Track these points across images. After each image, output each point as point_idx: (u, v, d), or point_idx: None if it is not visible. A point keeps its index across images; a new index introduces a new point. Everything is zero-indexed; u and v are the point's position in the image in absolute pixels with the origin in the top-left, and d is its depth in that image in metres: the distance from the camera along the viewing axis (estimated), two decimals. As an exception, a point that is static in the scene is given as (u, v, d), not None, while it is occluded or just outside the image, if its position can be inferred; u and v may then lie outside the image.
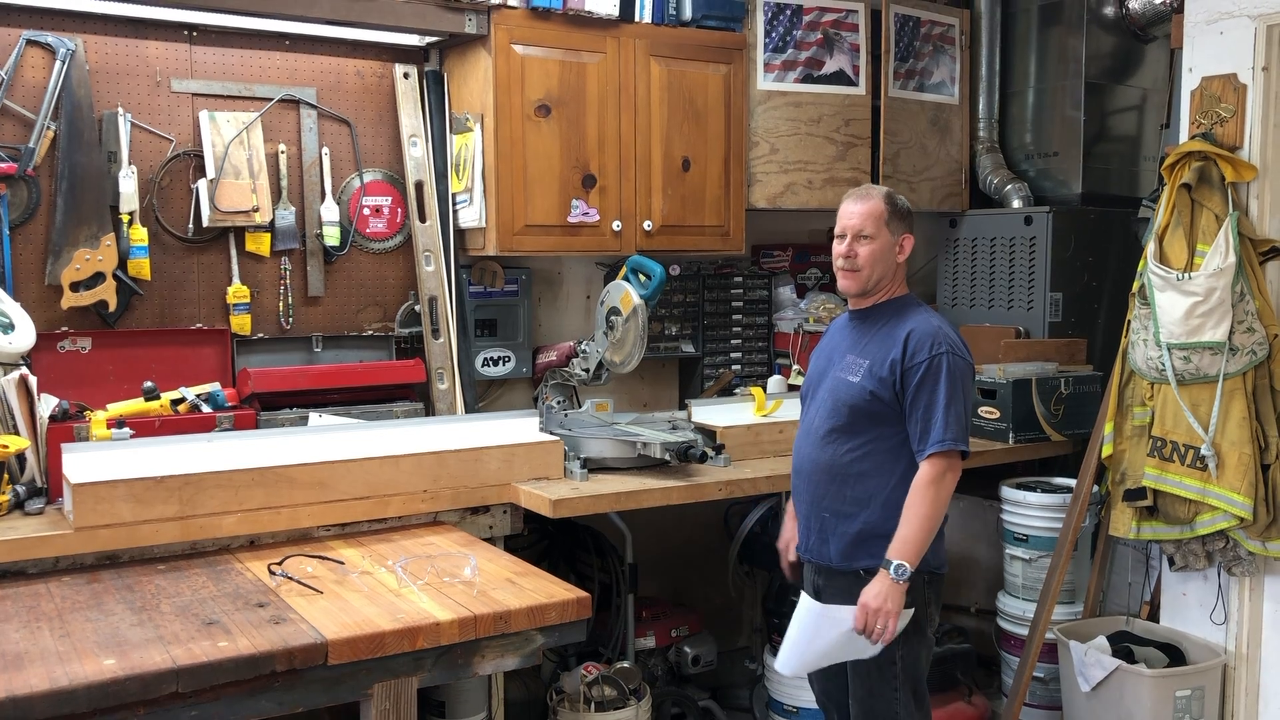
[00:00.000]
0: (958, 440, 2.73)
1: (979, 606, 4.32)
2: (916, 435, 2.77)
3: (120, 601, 2.54)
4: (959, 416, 2.74)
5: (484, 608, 2.51)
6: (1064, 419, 4.13)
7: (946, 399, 2.73)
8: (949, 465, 2.74)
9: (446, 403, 3.82)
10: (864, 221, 2.87)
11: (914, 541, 2.70)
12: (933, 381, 2.75)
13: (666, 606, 4.14)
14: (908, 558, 2.69)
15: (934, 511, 2.72)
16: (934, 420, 2.73)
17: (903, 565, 2.68)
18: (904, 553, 2.69)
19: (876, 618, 2.69)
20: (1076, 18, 4.62)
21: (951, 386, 2.74)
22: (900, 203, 2.92)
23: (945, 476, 2.73)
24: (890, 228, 2.88)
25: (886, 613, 2.68)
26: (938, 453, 2.72)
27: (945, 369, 2.75)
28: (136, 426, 3.13)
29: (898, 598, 2.69)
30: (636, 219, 3.98)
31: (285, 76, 3.71)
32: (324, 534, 3.10)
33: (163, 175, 3.53)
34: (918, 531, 2.70)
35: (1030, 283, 4.56)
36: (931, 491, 2.72)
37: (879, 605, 2.69)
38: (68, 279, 3.35)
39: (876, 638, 2.70)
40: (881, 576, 2.71)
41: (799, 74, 4.33)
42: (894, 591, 2.69)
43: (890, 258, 2.90)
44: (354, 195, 3.83)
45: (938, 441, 2.72)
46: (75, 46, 3.35)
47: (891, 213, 2.88)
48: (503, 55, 3.69)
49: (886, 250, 2.89)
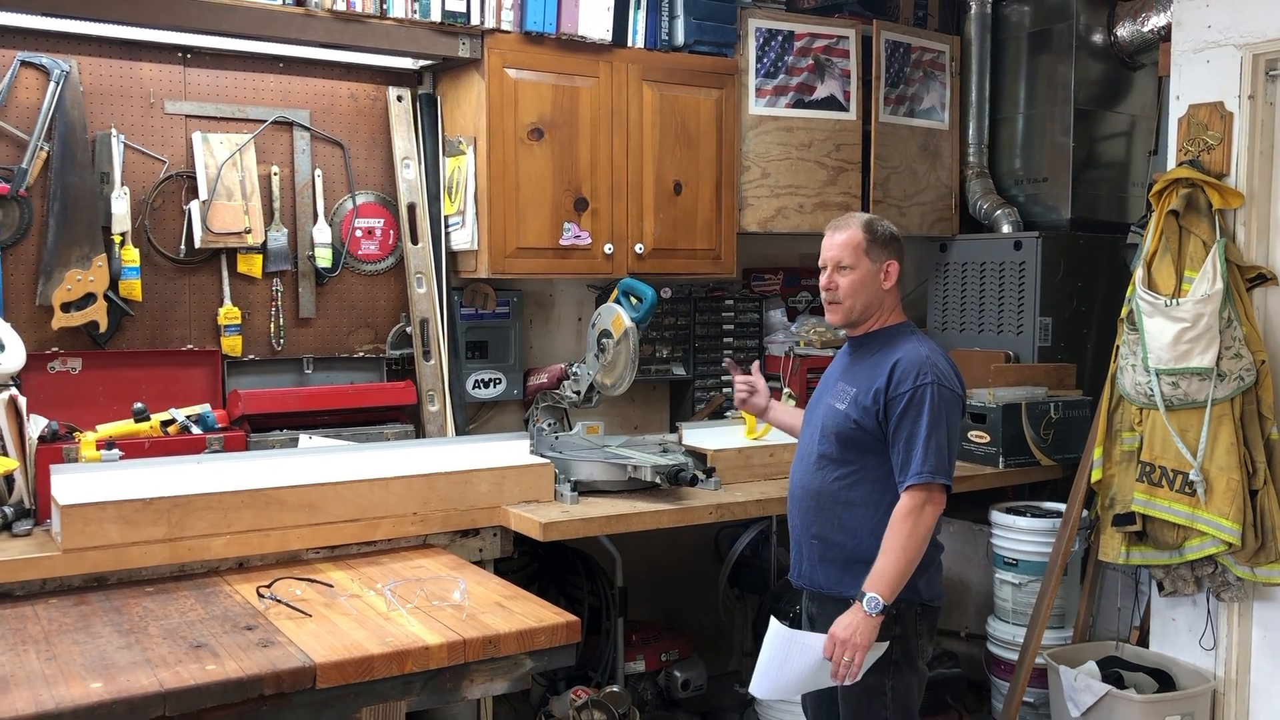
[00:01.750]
0: (937, 473, 2.67)
1: (969, 631, 4.32)
2: (898, 466, 2.73)
3: (108, 624, 2.53)
4: (940, 449, 2.68)
5: (473, 631, 2.50)
6: (1053, 443, 4.14)
7: (928, 430, 2.68)
8: (929, 498, 2.68)
9: (437, 425, 3.82)
10: (842, 252, 2.84)
11: (889, 574, 2.64)
12: (915, 412, 2.70)
13: (657, 630, 4.13)
14: (882, 590, 2.63)
15: (911, 544, 2.66)
16: (914, 452, 2.68)
17: (876, 598, 2.63)
18: (878, 585, 2.64)
19: (844, 650, 2.64)
20: (1066, 45, 4.66)
21: (934, 418, 2.69)
22: (881, 229, 2.87)
23: (924, 509, 2.67)
24: (871, 256, 2.83)
25: (854, 645, 2.63)
26: (916, 485, 2.67)
27: (929, 400, 2.70)
28: (126, 448, 3.12)
29: (868, 631, 2.63)
30: (628, 242, 3.99)
31: (279, 99, 3.72)
32: (313, 556, 3.09)
33: (155, 196, 3.54)
34: (893, 565, 2.65)
35: (1020, 307, 4.58)
36: (909, 524, 2.66)
37: (847, 637, 2.64)
38: (59, 299, 3.35)
39: (843, 670, 2.64)
40: (855, 609, 2.66)
41: (790, 99, 4.36)
42: (865, 625, 2.63)
43: (873, 286, 2.85)
44: (346, 217, 3.84)
45: (916, 473, 2.67)
46: (69, 68, 3.36)
47: (870, 241, 2.84)
48: (496, 79, 3.71)
49: (868, 279, 2.84)
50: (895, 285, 2.90)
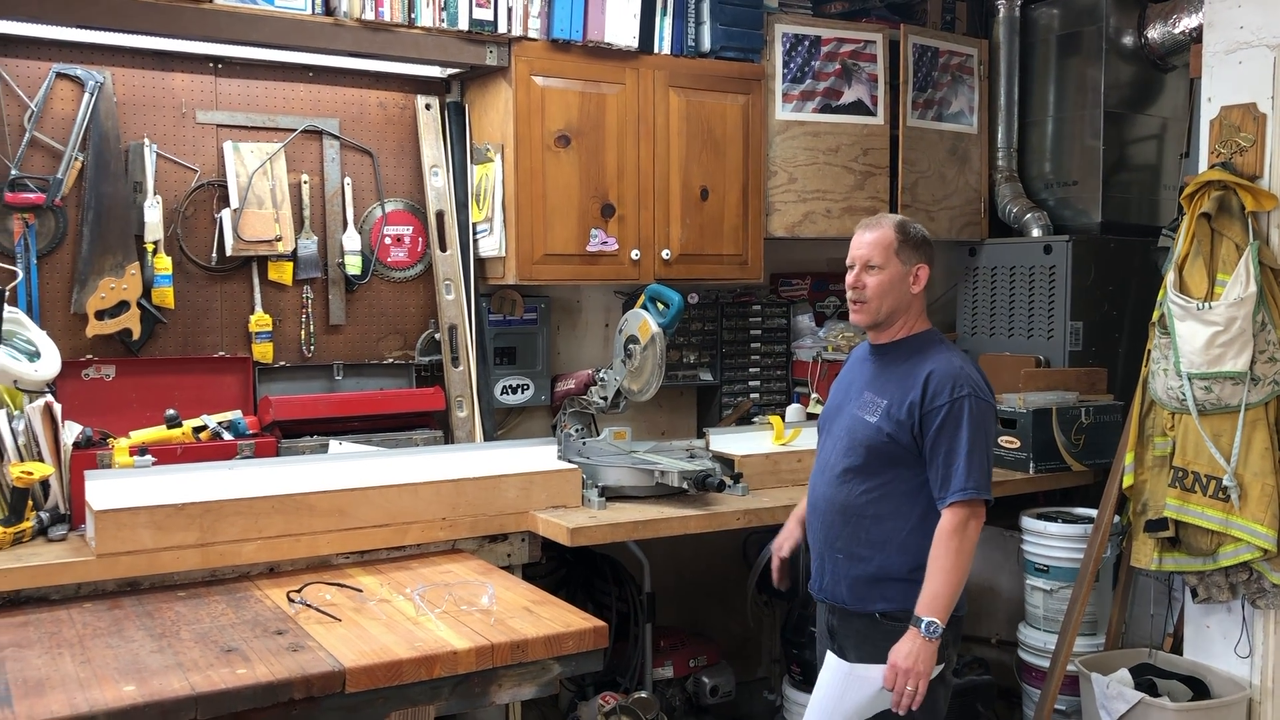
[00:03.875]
0: (980, 488, 2.62)
1: (999, 638, 4.28)
2: (938, 483, 2.66)
3: (140, 628, 2.56)
4: (980, 463, 2.63)
5: (501, 636, 2.51)
6: (1085, 449, 4.10)
7: (968, 445, 2.62)
8: (972, 513, 2.63)
9: (466, 430, 3.84)
10: (872, 251, 2.77)
11: (943, 596, 2.59)
12: (953, 426, 2.63)
13: (684, 636, 4.12)
14: (938, 613, 2.58)
15: (959, 562, 2.60)
16: (955, 468, 2.62)
17: (934, 623, 2.57)
18: (934, 609, 2.58)
19: (907, 679, 2.58)
20: (1095, 48, 4.63)
21: (974, 432, 2.63)
22: (914, 231, 2.80)
23: (968, 525, 2.62)
24: (901, 257, 2.76)
25: (918, 674, 2.57)
26: (959, 501, 2.62)
27: (967, 413, 2.63)
28: (159, 454, 3.16)
29: (929, 657, 2.58)
30: (655, 248, 4.00)
31: (309, 108, 3.76)
32: (343, 561, 3.11)
33: (187, 205, 3.58)
34: (944, 585, 2.59)
35: (1050, 312, 4.55)
36: (955, 542, 2.60)
37: (909, 666, 2.58)
38: (93, 307, 3.39)
39: (907, 700, 2.59)
40: (911, 635, 2.59)
41: (817, 104, 4.35)
42: (925, 651, 2.58)
43: (902, 289, 2.78)
44: (375, 225, 3.87)
45: (959, 490, 2.61)
46: (103, 79, 3.41)
47: (902, 242, 2.77)
48: (523, 86, 3.73)
49: (897, 281, 2.77)
50: (923, 291, 2.83)
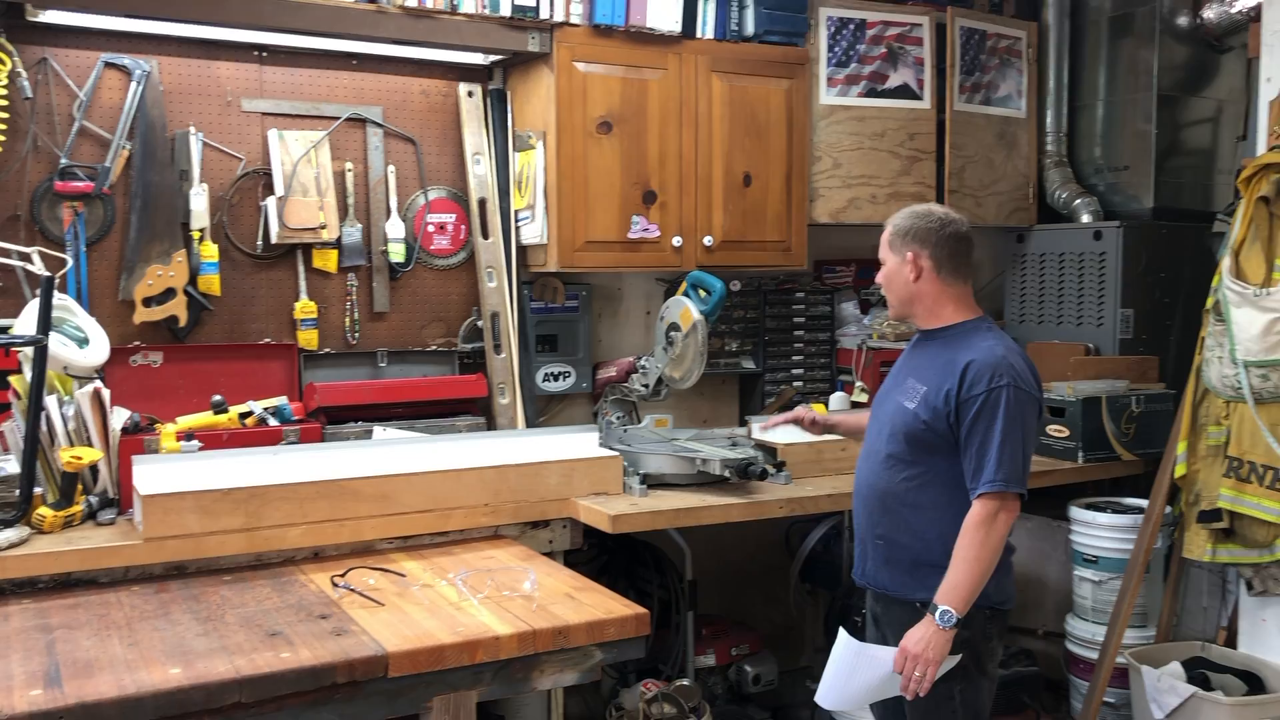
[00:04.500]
0: (1010, 481, 2.57)
1: (1047, 629, 4.22)
2: (970, 472, 2.62)
3: (186, 611, 2.58)
4: (1014, 455, 2.58)
5: (543, 622, 2.50)
6: (1135, 438, 4.03)
7: (1002, 436, 2.57)
8: (1002, 505, 2.58)
9: (508, 417, 3.84)
10: (880, 246, 2.81)
11: (963, 586, 2.56)
12: (989, 416, 2.58)
13: (727, 624, 4.11)
14: (955, 603, 2.55)
15: (983, 554, 2.56)
16: (988, 458, 2.58)
17: (949, 612, 2.54)
18: (951, 598, 2.55)
19: (915, 664, 2.56)
20: (1149, 29, 4.53)
21: (1009, 422, 2.58)
22: (903, 221, 2.76)
23: (997, 517, 2.57)
24: (893, 249, 2.75)
25: (927, 660, 2.55)
26: (989, 493, 2.58)
27: (1004, 403, 2.58)
28: (205, 439, 3.19)
29: (940, 645, 2.55)
30: (697, 234, 3.97)
31: (352, 96, 3.77)
32: (387, 546, 3.12)
33: (233, 193, 3.60)
34: (966, 576, 2.56)
35: (1100, 299, 4.47)
36: (981, 534, 2.56)
37: (918, 652, 2.56)
38: (140, 294, 3.43)
39: (914, 685, 2.57)
40: (926, 622, 2.57)
41: (862, 88, 4.30)
42: (937, 639, 2.55)
43: (899, 279, 2.75)
44: (419, 212, 3.88)
45: (989, 481, 2.57)
46: (150, 68, 3.44)
47: (893, 234, 2.76)
48: (565, 73, 3.72)
49: (893, 273, 2.76)
50: (932, 279, 2.74)
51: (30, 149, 3.31)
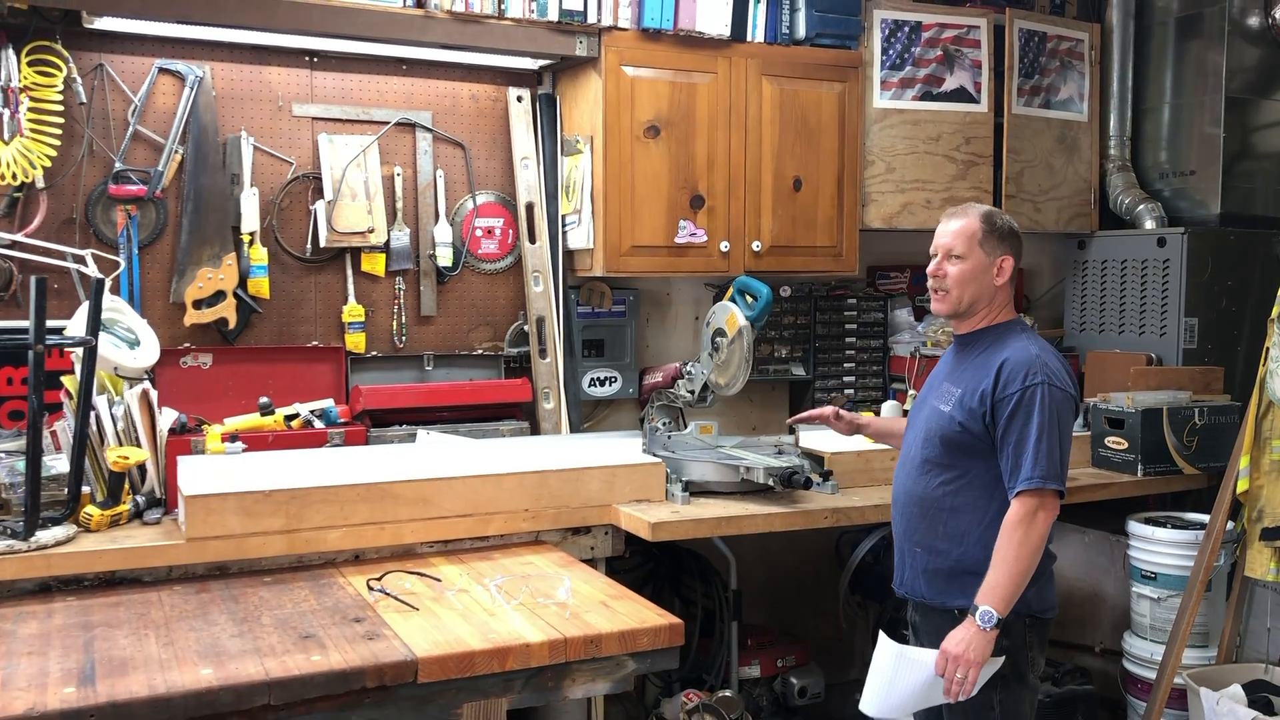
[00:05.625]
0: (1048, 478, 2.54)
1: (1104, 646, 4.10)
2: (1007, 471, 2.60)
3: (224, 612, 2.60)
4: (1052, 452, 2.55)
5: (575, 630, 2.48)
6: (1197, 451, 3.90)
7: (1038, 433, 2.55)
8: (1041, 504, 2.55)
9: (552, 422, 3.83)
10: (955, 240, 2.72)
11: (1003, 587, 2.52)
12: (1025, 414, 2.57)
13: (773, 635, 4.05)
14: (996, 604, 2.52)
15: (1024, 554, 2.53)
16: (1025, 456, 2.55)
17: (990, 612, 2.51)
18: (992, 599, 2.52)
19: (957, 666, 2.53)
20: (1217, 30, 4.40)
21: (1046, 420, 2.55)
22: (1000, 221, 2.74)
23: (1036, 516, 2.54)
24: (985, 248, 2.71)
25: (968, 662, 2.51)
26: (1027, 491, 2.55)
27: (1040, 401, 2.56)
28: (250, 441, 3.22)
29: (982, 646, 2.52)
30: (745, 239, 3.93)
31: (401, 100, 3.79)
32: (427, 550, 3.12)
33: (282, 197, 3.64)
34: (1006, 576, 2.53)
35: (1163, 307, 4.35)
36: (1020, 533, 2.53)
37: (960, 653, 2.53)
38: (191, 297, 3.47)
39: (956, 688, 2.53)
40: (968, 623, 2.55)
41: (917, 91, 4.23)
42: (978, 640, 2.52)
43: (984, 280, 2.72)
44: (467, 217, 3.89)
45: (1027, 479, 2.54)
46: (203, 74, 3.49)
47: (987, 232, 2.71)
48: (613, 77, 3.70)
49: (979, 272, 2.71)
50: (1009, 283, 2.76)
51: (85, 153, 3.37)
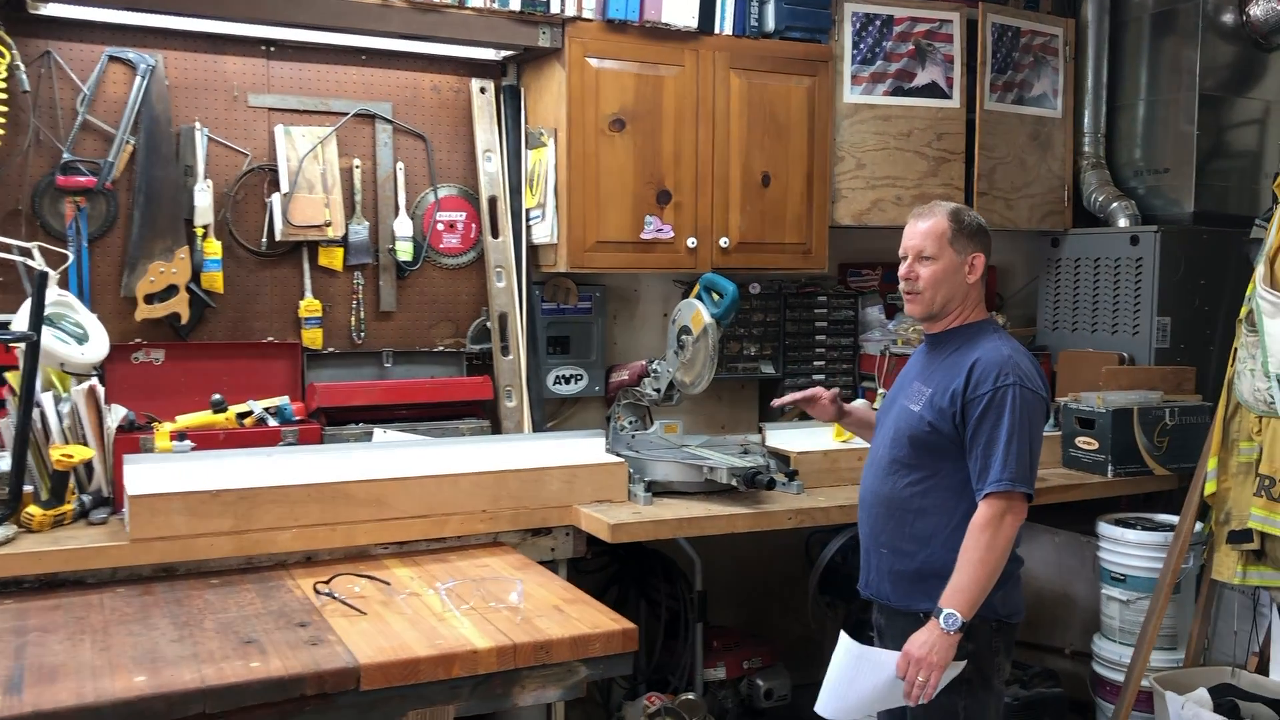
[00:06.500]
0: (1017, 480, 2.50)
1: (1073, 649, 4.06)
2: (975, 473, 2.56)
3: (166, 616, 2.52)
4: (1021, 454, 2.51)
5: (525, 636, 2.42)
6: (1168, 452, 3.86)
7: (1008, 435, 2.50)
8: (1009, 507, 2.51)
9: (514, 421, 3.76)
10: (924, 241, 2.67)
11: (967, 589, 2.48)
12: (995, 415, 2.53)
13: (739, 636, 4.00)
14: (960, 607, 2.47)
15: (990, 557, 2.49)
16: (994, 457, 2.51)
17: (953, 615, 2.46)
18: (956, 601, 2.48)
19: (919, 669, 2.48)
20: (1192, 26, 4.36)
21: (1016, 421, 2.51)
22: (968, 219, 2.70)
23: (1004, 519, 2.50)
24: (955, 247, 2.66)
25: (930, 665, 2.47)
26: (995, 493, 2.50)
27: (1010, 402, 2.52)
28: (201, 439, 3.14)
29: (945, 650, 2.47)
30: (713, 236, 3.87)
31: (361, 91, 3.71)
32: (381, 552, 3.05)
33: (237, 189, 3.56)
34: (971, 579, 2.48)
35: (1136, 306, 4.31)
36: (987, 535, 2.49)
37: (922, 655, 2.48)
38: (142, 291, 3.39)
39: (917, 691, 2.49)
40: (931, 626, 2.50)
41: (888, 86, 4.17)
42: (941, 643, 2.47)
43: (957, 279, 2.67)
44: (428, 210, 3.81)
45: (995, 481, 2.50)
46: (155, 62, 3.40)
47: (956, 230, 2.66)
48: (577, 69, 3.63)
49: (951, 271, 2.67)
50: (980, 281, 2.72)
51: (32, 143, 3.28)
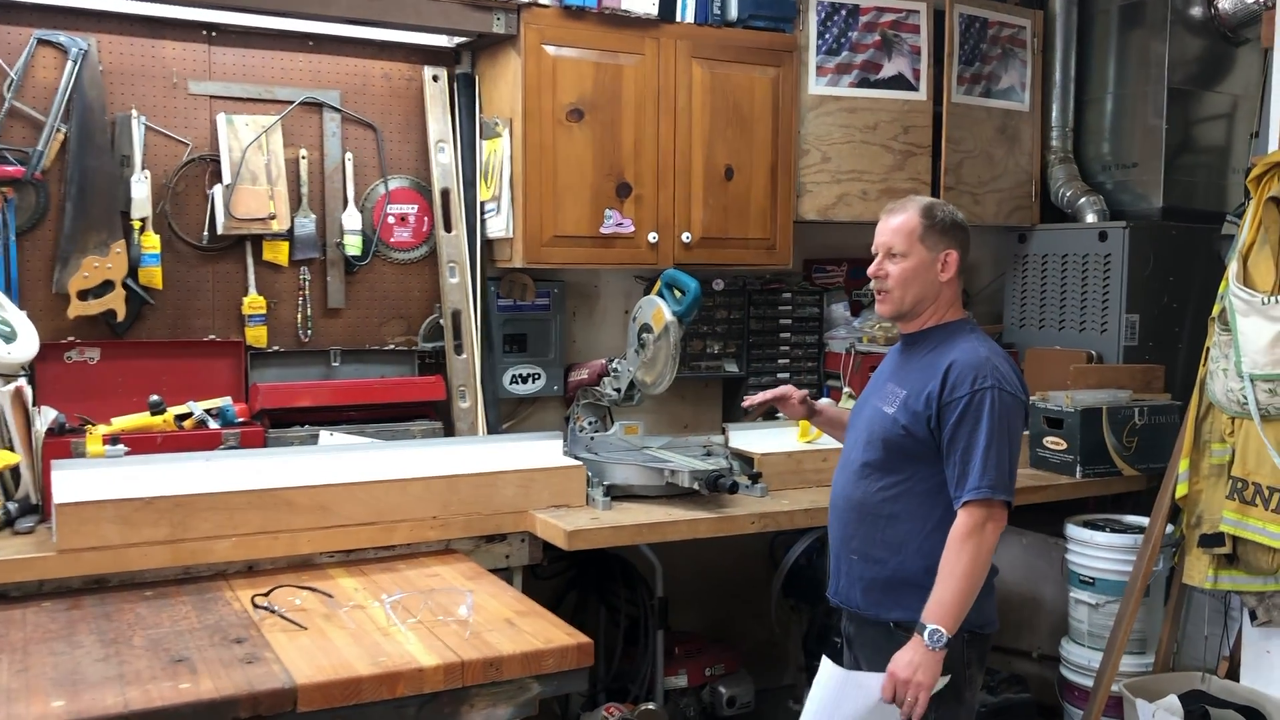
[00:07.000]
0: (997, 488, 2.40)
1: (1041, 652, 3.99)
2: (953, 480, 2.45)
3: (93, 632, 2.38)
4: (1001, 460, 2.41)
5: (474, 653, 2.30)
6: (1137, 452, 3.79)
7: (987, 440, 2.40)
8: (989, 515, 2.40)
9: (468, 422, 3.63)
10: (894, 237, 2.56)
11: (952, 603, 2.37)
12: (973, 420, 2.42)
13: (702, 643, 3.89)
14: (945, 622, 2.36)
15: (972, 569, 2.38)
16: (972, 464, 2.41)
17: (939, 631, 2.36)
18: (940, 616, 2.37)
19: (906, 689, 2.37)
20: (1160, 19, 4.29)
21: (995, 426, 2.41)
22: (942, 214, 2.58)
23: (985, 528, 2.40)
24: (926, 243, 2.55)
25: (918, 685, 2.36)
26: (975, 501, 2.40)
27: (989, 406, 2.42)
28: (137, 443, 3.00)
29: (932, 667, 2.37)
30: (675, 230, 3.75)
31: (308, 79, 3.56)
32: (326, 560, 2.92)
33: (177, 180, 3.40)
34: (955, 592, 2.38)
35: (1104, 303, 4.24)
36: (969, 546, 2.39)
37: (909, 676, 2.37)
38: (75, 287, 3.23)
39: (907, 711, 2.39)
40: (915, 643, 2.39)
41: (854, 78, 4.07)
42: (928, 661, 2.36)
43: (928, 277, 2.56)
44: (378, 203, 3.67)
45: (974, 489, 2.40)
46: (88, 46, 3.24)
47: (928, 226, 2.55)
48: (533, 56, 3.50)
49: (922, 269, 2.55)
50: (955, 278, 2.60)
51: (-45, 131, 3.12)
